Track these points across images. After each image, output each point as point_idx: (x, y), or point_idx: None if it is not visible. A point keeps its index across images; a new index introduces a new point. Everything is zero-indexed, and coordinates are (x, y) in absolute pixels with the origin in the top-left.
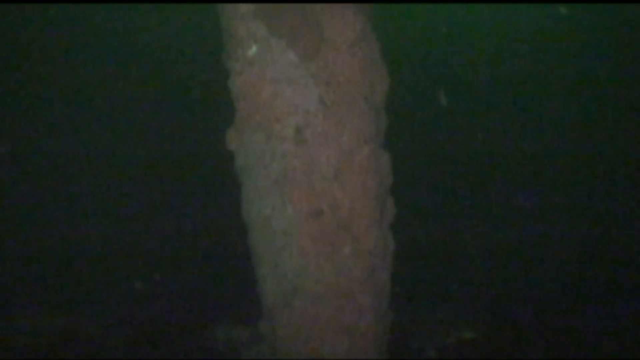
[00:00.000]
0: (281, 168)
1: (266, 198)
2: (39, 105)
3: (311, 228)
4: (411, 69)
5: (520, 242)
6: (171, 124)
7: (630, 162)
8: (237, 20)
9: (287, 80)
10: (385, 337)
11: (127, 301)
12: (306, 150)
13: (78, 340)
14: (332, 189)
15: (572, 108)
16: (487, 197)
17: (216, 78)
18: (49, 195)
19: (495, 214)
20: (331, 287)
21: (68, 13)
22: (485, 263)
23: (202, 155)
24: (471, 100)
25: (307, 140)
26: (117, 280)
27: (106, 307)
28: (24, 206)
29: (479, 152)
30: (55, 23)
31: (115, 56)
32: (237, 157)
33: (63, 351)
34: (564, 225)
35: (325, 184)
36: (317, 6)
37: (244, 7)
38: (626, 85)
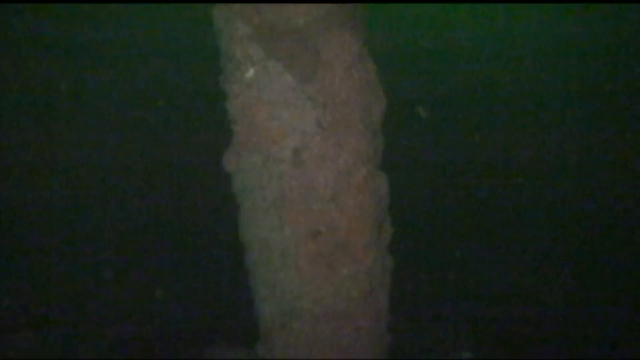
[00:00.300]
0: (278, 189)
1: (264, 219)
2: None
3: (309, 249)
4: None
5: (520, 259)
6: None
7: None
8: (235, 43)
9: (284, 102)
10: (384, 358)
11: (120, 321)
12: (303, 172)
13: None
14: (329, 210)
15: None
16: (487, 213)
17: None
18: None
19: (494, 230)
20: (329, 308)
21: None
22: (485, 282)
23: (199, 175)
24: (471, 110)
25: (304, 162)
26: (110, 298)
27: (100, 326)
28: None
29: (479, 164)
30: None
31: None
32: (234, 179)
33: None
34: (566, 240)
35: (322, 205)
36: (314, 29)
37: (241, 30)
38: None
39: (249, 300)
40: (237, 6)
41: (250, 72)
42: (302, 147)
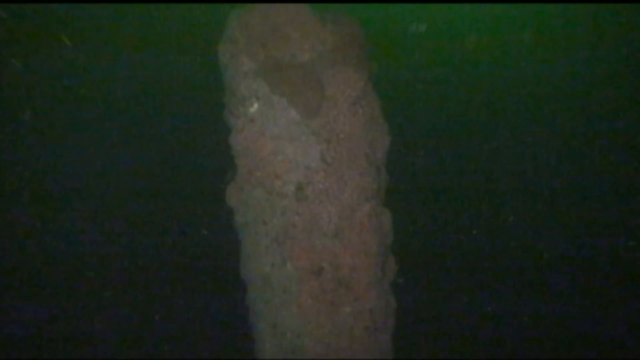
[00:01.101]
0: (281, 225)
1: (266, 255)
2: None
3: (311, 286)
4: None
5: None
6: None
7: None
8: (240, 78)
9: (288, 137)
10: None
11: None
12: (307, 207)
13: None
14: (332, 247)
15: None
16: (488, 253)
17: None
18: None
19: (495, 276)
20: (331, 346)
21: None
22: (488, 322)
23: (203, 215)
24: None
25: (308, 197)
26: (114, 343)
27: None
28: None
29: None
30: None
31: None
32: (237, 213)
33: None
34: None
35: (326, 241)
36: (319, 65)
37: (246, 66)
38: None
39: (249, 338)
40: (242, 42)
41: (255, 107)
42: (305, 182)
